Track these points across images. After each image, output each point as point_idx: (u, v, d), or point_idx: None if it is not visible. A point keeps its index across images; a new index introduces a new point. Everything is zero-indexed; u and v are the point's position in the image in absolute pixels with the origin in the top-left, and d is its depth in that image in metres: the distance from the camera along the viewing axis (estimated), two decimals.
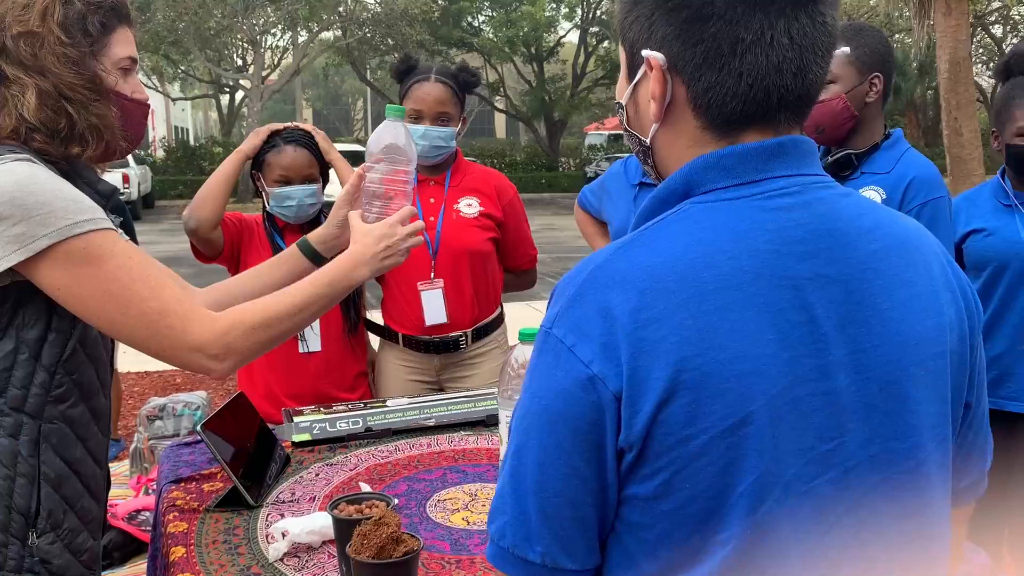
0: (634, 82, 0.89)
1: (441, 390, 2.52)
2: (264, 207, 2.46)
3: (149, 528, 2.77)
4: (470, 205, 2.50)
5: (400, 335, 2.50)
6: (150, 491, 3.35)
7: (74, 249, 1.23)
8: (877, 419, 0.81)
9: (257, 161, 2.42)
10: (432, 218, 2.46)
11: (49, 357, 1.30)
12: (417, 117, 2.38)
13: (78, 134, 1.31)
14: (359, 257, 1.48)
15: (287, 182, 2.36)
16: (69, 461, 1.34)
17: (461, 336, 2.49)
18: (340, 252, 1.52)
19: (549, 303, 0.84)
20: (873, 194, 2.03)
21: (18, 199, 1.20)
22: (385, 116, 1.57)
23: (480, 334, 2.52)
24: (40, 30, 1.28)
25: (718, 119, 0.83)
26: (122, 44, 1.38)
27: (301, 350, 2.39)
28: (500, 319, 2.61)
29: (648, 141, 0.89)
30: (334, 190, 2.47)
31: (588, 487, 0.79)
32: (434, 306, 2.43)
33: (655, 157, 0.90)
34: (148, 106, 1.44)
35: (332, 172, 2.48)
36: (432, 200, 2.48)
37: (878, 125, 2.13)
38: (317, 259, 1.63)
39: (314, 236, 1.66)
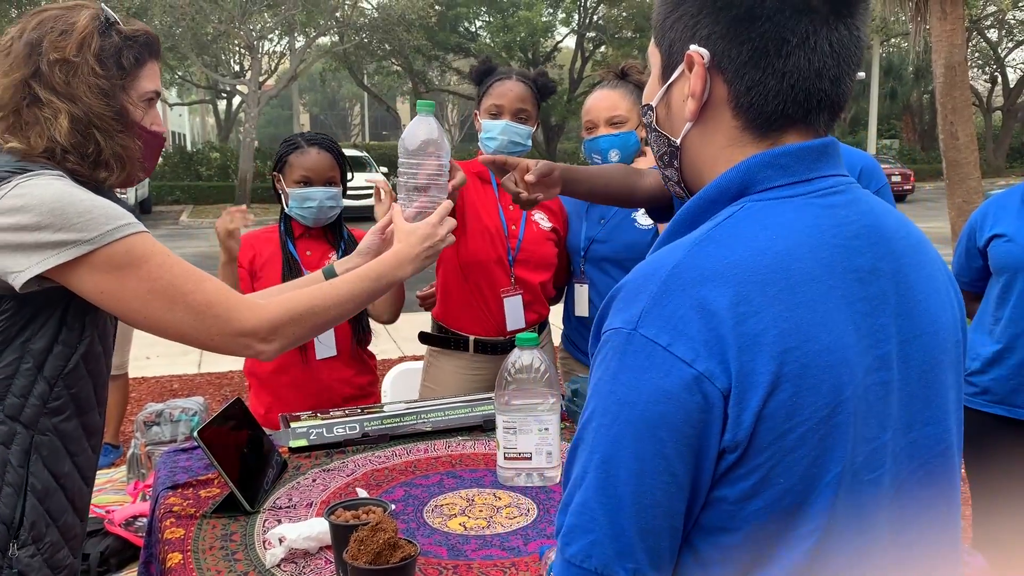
0: (669, 81, 0.90)
1: None
2: (282, 211, 2.44)
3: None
4: (543, 218, 2.53)
5: (471, 339, 2.48)
6: (147, 497, 3.34)
7: (116, 253, 1.27)
8: (916, 406, 0.84)
9: (279, 163, 2.41)
10: (514, 227, 2.47)
11: (52, 369, 1.32)
12: (497, 113, 2.39)
13: (104, 160, 1.36)
14: (404, 256, 1.55)
15: (308, 183, 2.36)
16: (57, 475, 1.35)
17: (532, 330, 2.51)
18: None
19: (614, 304, 0.81)
20: None
21: (57, 209, 1.24)
22: (416, 111, 1.62)
23: (541, 328, 2.58)
24: (76, 59, 1.33)
25: (759, 119, 0.84)
26: (149, 78, 1.43)
27: (319, 356, 2.38)
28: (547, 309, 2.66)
29: (679, 141, 0.90)
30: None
31: (684, 495, 0.76)
32: (515, 312, 2.47)
33: (683, 158, 0.91)
34: (164, 139, 1.50)
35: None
36: (512, 208, 2.48)
37: None
38: None
39: (340, 264, 1.72)
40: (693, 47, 0.85)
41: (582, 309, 2.55)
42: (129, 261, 1.28)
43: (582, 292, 2.56)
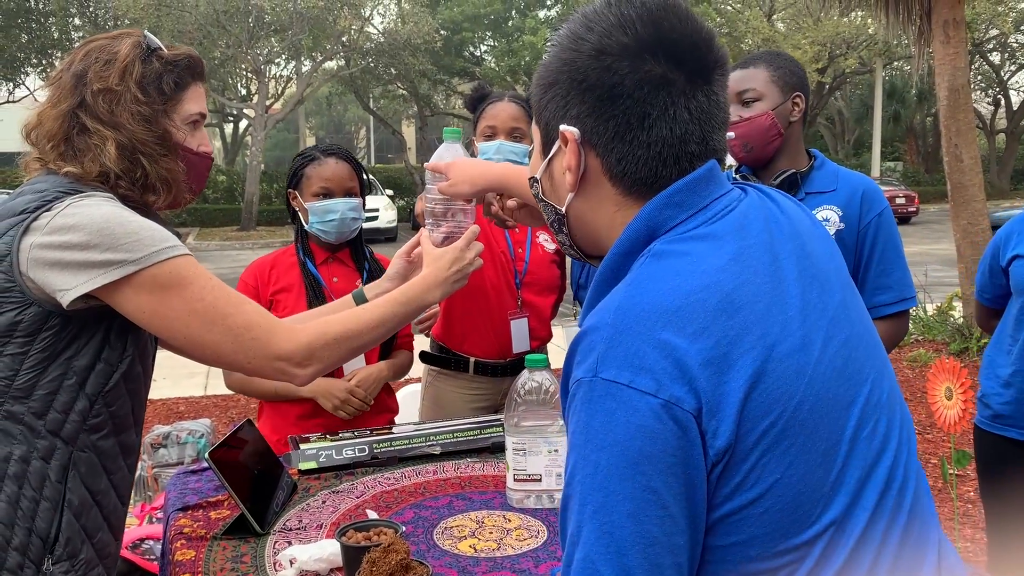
0: (548, 157, 0.97)
1: (496, 411, 2.51)
2: (299, 231, 2.35)
3: (152, 557, 2.76)
4: (547, 240, 2.53)
5: (472, 361, 2.48)
6: (154, 519, 3.33)
7: (161, 273, 1.30)
8: (880, 356, 0.92)
9: (294, 178, 2.32)
10: (520, 249, 2.48)
11: (93, 386, 1.35)
12: (491, 134, 2.40)
13: (151, 184, 1.40)
14: (433, 280, 1.57)
15: (328, 194, 2.26)
16: (93, 491, 1.37)
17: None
18: None
19: (574, 359, 0.84)
20: (830, 214, 2.00)
21: (106, 229, 1.27)
22: (444, 138, 1.65)
23: (541, 349, 2.58)
24: (119, 88, 1.37)
25: (635, 185, 0.91)
26: (194, 101, 1.47)
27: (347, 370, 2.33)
28: (551, 333, 2.66)
29: (564, 210, 0.97)
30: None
31: (680, 528, 0.78)
32: (521, 335, 2.47)
33: (570, 225, 0.98)
34: (211, 159, 1.53)
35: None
36: (516, 230, 2.48)
37: (801, 147, 2.09)
38: None
39: (370, 289, 1.74)
40: (563, 126, 0.92)
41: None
42: (173, 282, 1.31)
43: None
